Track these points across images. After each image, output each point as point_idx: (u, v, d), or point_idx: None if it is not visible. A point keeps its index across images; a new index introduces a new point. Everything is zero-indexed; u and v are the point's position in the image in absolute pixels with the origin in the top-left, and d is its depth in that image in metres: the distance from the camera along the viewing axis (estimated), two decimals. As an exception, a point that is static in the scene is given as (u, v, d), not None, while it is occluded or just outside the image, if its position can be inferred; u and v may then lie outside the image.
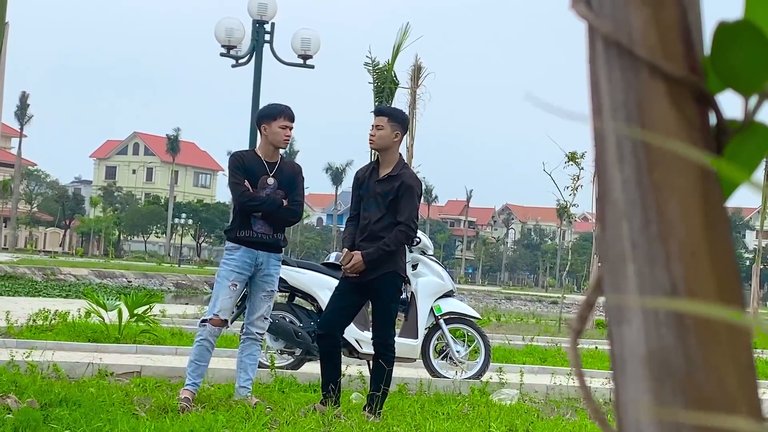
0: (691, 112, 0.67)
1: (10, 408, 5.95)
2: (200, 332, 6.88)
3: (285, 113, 6.97)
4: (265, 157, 6.97)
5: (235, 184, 6.88)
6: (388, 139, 6.74)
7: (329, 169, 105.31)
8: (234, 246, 6.87)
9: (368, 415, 6.58)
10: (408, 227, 6.65)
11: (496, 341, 13.68)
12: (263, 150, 7.01)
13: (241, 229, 6.86)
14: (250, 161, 6.94)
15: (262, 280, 6.94)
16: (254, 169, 6.91)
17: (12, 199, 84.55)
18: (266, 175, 6.92)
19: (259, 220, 6.87)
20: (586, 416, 7.53)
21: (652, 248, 0.66)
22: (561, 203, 24.04)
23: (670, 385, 0.64)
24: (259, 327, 7.02)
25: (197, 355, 6.82)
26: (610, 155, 0.68)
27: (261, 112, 7.13)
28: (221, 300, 6.82)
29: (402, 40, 18.38)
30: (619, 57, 0.67)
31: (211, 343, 6.85)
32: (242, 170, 6.89)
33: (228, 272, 6.83)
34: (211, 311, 6.88)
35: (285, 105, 7.07)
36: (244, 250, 6.84)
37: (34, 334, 11.53)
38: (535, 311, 40.25)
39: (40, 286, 30.74)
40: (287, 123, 6.96)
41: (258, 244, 6.86)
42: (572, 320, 0.73)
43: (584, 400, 0.70)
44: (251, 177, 6.89)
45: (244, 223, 6.86)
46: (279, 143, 6.97)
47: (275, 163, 6.99)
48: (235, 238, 6.87)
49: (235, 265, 6.83)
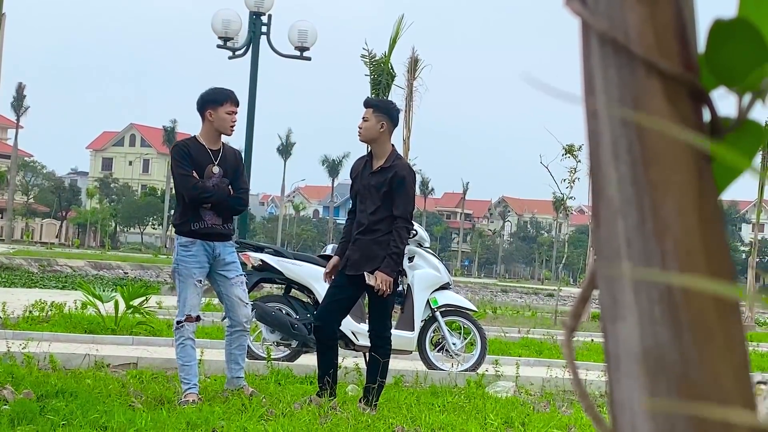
0: (686, 109, 0.67)
1: (6, 399, 5.95)
2: (180, 333, 6.72)
3: (231, 98, 6.79)
4: (209, 144, 6.78)
5: (183, 175, 6.63)
6: (373, 131, 6.72)
7: (326, 162, 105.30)
8: (189, 240, 6.67)
9: (364, 407, 6.59)
10: (405, 220, 6.65)
11: (492, 334, 13.69)
12: (206, 137, 6.79)
13: (194, 222, 6.66)
14: (195, 150, 6.73)
15: (225, 269, 6.79)
16: (200, 159, 6.71)
17: (8, 190, 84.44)
18: (211, 164, 6.73)
19: (208, 212, 6.69)
20: (581, 409, 7.55)
21: (647, 246, 0.66)
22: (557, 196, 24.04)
23: (665, 382, 0.64)
24: (244, 315, 6.89)
25: (184, 357, 6.68)
26: (605, 152, 0.68)
27: (205, 97, 6.83)
28: (190, 298, 6.69)
29: (398, 33, 18.36)
30: (615, 55, 0.67)
31: (193, 340, 6.74)
32: (189, 160, 6.67)
33: (189, 269, 6.65)
34: (182, 311, 6.71)
35: (230, 90, 6.88)
36: (200, 243, 6.67)
37: (30, 325, 11.53)
38: (531, 304, 40.29)
39: (36, 278, 30.72)
40: (233, 108, 6.79)
41: (212, 236, 6.70)
42: (567, 317, 0.73)
43: (579, 397, 0.70)
44: (197, 167, 6.69)
45: (196, 216, 6.66)
46: (225, 130, 6.79)
47: (218, 150, 6.81)
48: (189, 231, 6.67)
49: (195, 260, 6.66)
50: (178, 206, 6.86)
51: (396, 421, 6.14)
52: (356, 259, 6.69)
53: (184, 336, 6.70)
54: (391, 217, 6.64)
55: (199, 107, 6.85)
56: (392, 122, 6.82)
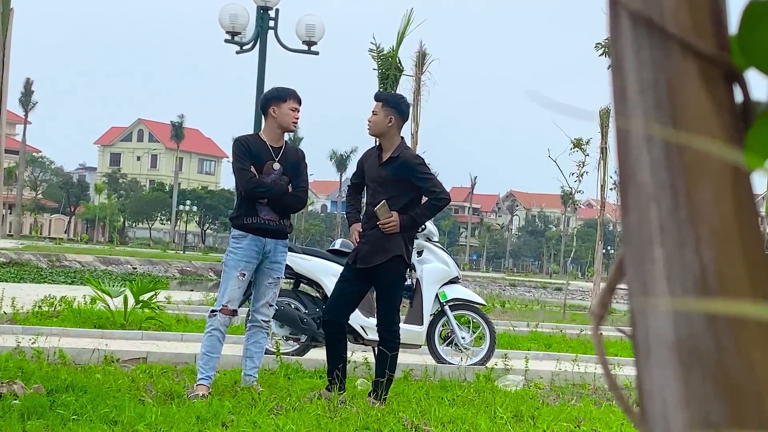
0: (720, 92, 0.66)
1: (16, 394, 5.96)
2: (210, 322, 6.76)
3: (293, 96, 6.89)
4: (270, 141, 6.86)
5: (241, 170, 6.72)
6: (382, 125, 6.73)
7: (333, 156, 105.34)
8: (241, 234, 6.76)
9: (373, 401, 6.58)
10: (438, 193, 6.63)
11: (500, 328, 13.68)
12: (268, 134, 6.88)
13: (247, 216, 6.74)
14: (256, 146, 6.82)
15: (269, 268, 6.87)
16: (260, 154, 6.79)
17: (17, 185, 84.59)
18: (272, 161, 6.81)
19: (264, 207, 6.76)
20: (591, 402, 7.53)
21: (681, 232, 0.64)
22: (566, 190, 24.01)
23: (699, 371, 0.63)
24: (265, 314, 6.97)
25: (209, 347, 6.70)
26: (636, 137, 0.66)
27: (269, 95, 6.94)
28: (230, 290, 6.74)
29: (406, 27, 18.31)
30: (649, 35, 0.65)
31: (222, 333, 6.76)
32: (248, 155, 6.75)
33: (236, 261, 6.73)
34: (220, 302, 6.78)
35: (293, 89, 6.98)
36: (252, 238, 6.74)
37: (39, 320, 11.54)
38: (540, 298, 40.27)
39: (45, 273, 30.77)
40: (296, 105, 6.88)
41: (265, 231, 6.77)
42: (594, 306, 0.71)
43: (609, 388, 0.68)
44: (256, 162, 6.77)
45: (250, 210, 6.75)
46: (288, 125, 6.87)
47: (280, 148, 6.89)
48: (241, 225, 6.76)
49: (243, 254, 6.73)
50: (237, 200, 6.99)
51: (405, 415, 6.13)
52: (366, 252, 6.68)
53: (213, 326, 6.74)
54: (400, 209, 6.63)
55: (262, 105, 6.97)
56: (401, 116, 6.81)
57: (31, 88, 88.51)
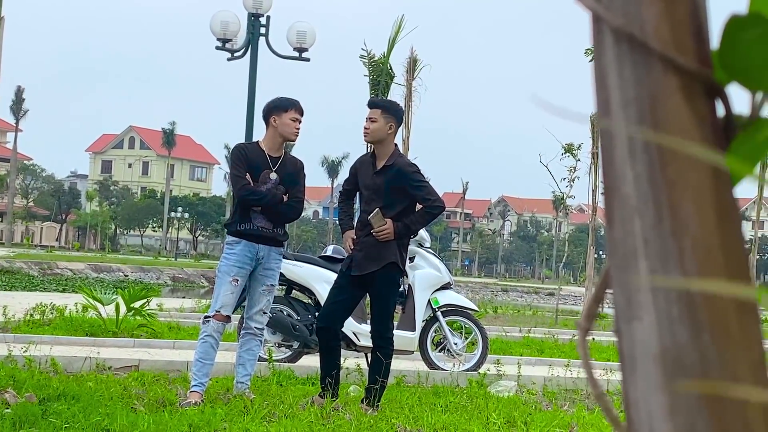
0: (702, 107, 0.67)
1: (8, 403, 5.94)
2: (204, 329, 6.77)
3: (295, 106, 6.92)
4: (270, 150, 6.89)
5: (236, 176, 6.78)
6: (382, 132, 6.74)
7: (325, 162, 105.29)
8: (234, 240, 6.79)
9: (366, 407, 6.58)
10: (433, 201, 6.64)
11: (493, 333, 13.68)
12: (268, 143, 6.91)
13: (241, 223, 6.79)
14: (253, 154, 6.85)
15: (263, 275, 6.88)
16: (257, 163, 6.83)
17: (8, 193, 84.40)
18: (269, 170, 6.84)
19: (258, 215, 6.80)
20: (583, 407, 7.54)
21: (665, 245, 0.65)
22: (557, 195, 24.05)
23: (684, 382, 0.64)
24: (258, 321, 6.97)
25: (202, 353, 6.71)
26: (620, 150, 0.67)
27: (271, 104, 6.97)
28: (223, 296, 6.76)
29: (397, 33, 18.35)
30: (631, 51, 0.66)
31: (216, 340, 6.77)
32: (244, 163, 6.80)
33: (229, 267, 6.76)
34: (213, 307, 6.81)
35: (295, 99, 7.02)
36: (245, 244, 6.77)
37: (31, 328, 11.52)
38: (532, 303, 40.31)
39: (36, 281, 30.71)
40: (297, 116, 6.91)
41: (259, 238, 6.80)
42: (581, 318, 0.72)
43: (596, 398, 0.69)
44: (253, 170, 6.80)
45: (245, 217, 6.79)
46: (289, 135, 6.90)
47: (279, 157, 6.91)
48: (235, 231, 6.80)
49: (236, 259, 6.76)
50: (232, 206, 7.06)
51: (398, 422, 6.13)
52: (360, 259, 6.69)
53: (207, 332, 6.76)
54: (394, 216, 6.63)
55: (264, 114, 6.99)
56: (399, 123, 6.89)
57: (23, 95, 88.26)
